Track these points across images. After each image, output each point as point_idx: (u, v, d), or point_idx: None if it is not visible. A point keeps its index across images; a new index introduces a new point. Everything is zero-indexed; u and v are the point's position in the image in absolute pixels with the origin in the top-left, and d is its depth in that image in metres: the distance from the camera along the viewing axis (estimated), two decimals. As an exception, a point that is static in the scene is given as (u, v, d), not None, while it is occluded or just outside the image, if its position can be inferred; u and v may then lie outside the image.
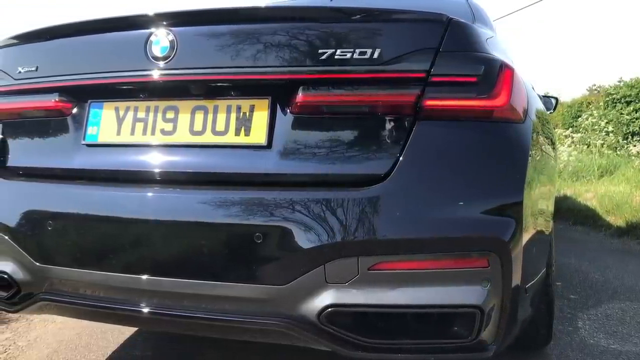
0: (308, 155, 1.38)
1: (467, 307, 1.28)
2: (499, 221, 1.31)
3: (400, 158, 1.31)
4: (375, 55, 1.33)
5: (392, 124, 1.34)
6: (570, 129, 12.09)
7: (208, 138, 1.45)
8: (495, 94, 1.35)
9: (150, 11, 1.48)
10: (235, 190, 1.39)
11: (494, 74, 1.36)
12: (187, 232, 1.39)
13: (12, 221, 1.57)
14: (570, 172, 8.22)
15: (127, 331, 2.43)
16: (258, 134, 1.42)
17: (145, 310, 1.45)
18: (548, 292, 1.91)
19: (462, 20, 1.42)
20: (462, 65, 1.34)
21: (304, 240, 1.29)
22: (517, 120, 1.42)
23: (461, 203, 1.29)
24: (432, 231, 1.27)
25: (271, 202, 1.33)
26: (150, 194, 1.45)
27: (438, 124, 1.34)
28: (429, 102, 1.32)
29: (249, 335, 1.52)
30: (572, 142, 10.73)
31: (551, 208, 1.88)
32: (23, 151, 1.72)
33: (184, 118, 1.48)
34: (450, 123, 1.34)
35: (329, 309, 1.29)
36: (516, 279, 1.33)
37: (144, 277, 1.41)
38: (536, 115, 1.68)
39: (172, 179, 1.47)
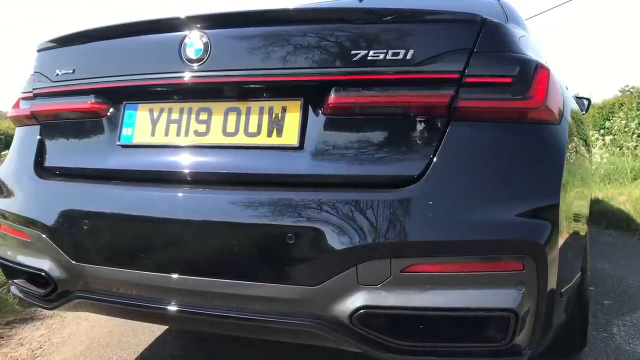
0: (340, 156, 1.38)
1: (501, 311, 1.26)
2: (534, 224, 1.29)
3: (434, 159, 1.30)
4: (409, 56, 1.32)
5: (426, 125, 1.33)
6: (602, 130, 11.83)
7: (240, 139, 1.47)
8: (531, 95, 1.33)
9: (185, 14, 1.50)
10: (268, 191, 1.40)
11: (529, 75, 1.34)
12: (220, 232, 1.40)
13: (49, 220, 1.61)
14: (602, 175, 8.04)
15: (158, 330, 2.46)
16: (290, 135, 1.42)
17: (178, 308, 1.46)
18: (583, 297, 1.87)
19: (497, 21, 1.40)
20: (496, 66, 1.33)
21: (336, 241, 1.29)
22: (553, 122, 1.39)
23: (496, 205, 1.27)
24: (466, 234, 1.26)
25: (303, 203, 1.34)
26: (184, 195, 1.47)
27: (472, 125, 1.32)
28: (463, 103, 1.31)
29: (279, 336, 1.53)
30: (604, 144, 10.50)
31: (586, 211, 1.84)
32: (60, 152, 1.76)
33: (217, 119, 1.50)
34: (485, 124, 1.32)
35: (361, 311, 1.28)
36: (552, 283, 1.31)
37: (178, 276, 1.43)
38: (571, 116, 1.65)
39: (205, 180, 1.49)
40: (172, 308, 1.47)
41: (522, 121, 1.34)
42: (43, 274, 1.64)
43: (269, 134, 1.45)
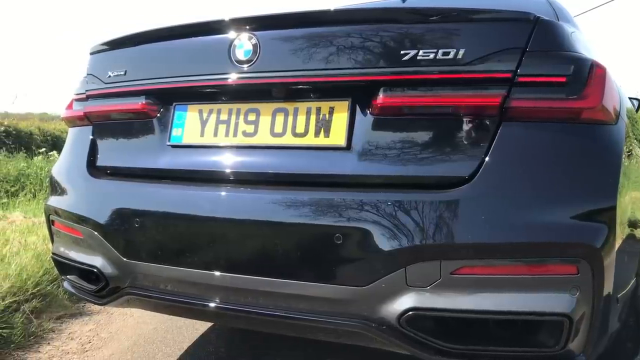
0: (389, 156, 1.37)
1: (555, 315, 1.23)
2: (590, 227, 1.25)
3: (486, 160, 1.28)
4: (460, 56, 1.30)
5: (477, 125, 1.31)
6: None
7: (288, 139, 1.48)
8: (586, 94, 1.29)
9: (234, 15, 1.52)
10: (316, 191, 1.40)
11: (584, 74, 1.30)
12: (269, 232, 1.41)
13: (101, 218, 1.65)
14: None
15: (202, 327, 2.50)
16: (337, 136, 1.42)
17: (225, 306, 1.48)
18: (637, 304, 1.80)
19: (550, 19, 1.37)
20: (550, 65, 1.30)
21: (384, 242, 1.28)
22: (609, 122, 1.35)
23: (550, 207, 1.24)
24: (519, 236, 1.23)
25: (351, 204, 1.33)
26: (232, 194, 1.48)
27: (525, 126, 1.30)
28: (516, 103, 1.28)
29: (325, 335, 1.53)
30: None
31: (642, 215, 1.78)
32: (112, 151, 1.81)
33: (264, 120, 1.51)
34: (538, 125, 1.29)
35: (410, 313, 1.27)
36: (607, 288, 1.27)
37: (226, 274, 1.45)
38: (627, 116, 1.60)
39: (253, 180, 1.50)
40: (220, 306, 1.49)
41: (577, 121, 1.30)
42: (95, 270, 1.68)
43: (317, 135, 1.45)
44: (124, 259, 1.61)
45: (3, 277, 2.71)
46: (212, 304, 1.50)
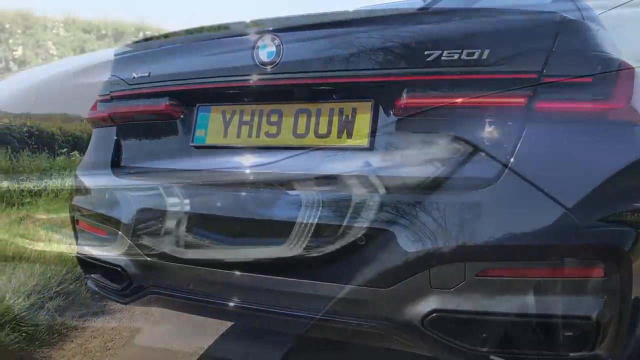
0: (412, 157, 1.36)
1: (581, 319, 1.21)
2: (618, 230, 1.23)
3: (511, 160, 1.26)
4: (484, 56, 1.29)
5: (502, 126, 1.30)
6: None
7: (311, 140, 1.48)
8: (614, 94, 1.27)
9: (257, 17, 1.53)
10: (338, 192, 1.40)
11: (611, 74, 1.29)
12: (290, 232, 1.41)
13: (125, 218, 1.67)
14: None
15: (222, 327, 2.51)
16: (360, 137, 1.42)
17: (248, 306, 1.50)
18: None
19: (576, 19, 1.36)
20: (577, 66, 1.28)
21: (408, 243, 1.27)
22: (638, 123, 1.33)
23: (577, 209, 1.22)
24: (544, 238, 1.22)
25: (374, 205, 1.33)
26: (255, 194, 1.50)
27: (551, 127, 1.28)
28: (542, 104, 1.27)
29: (346, 335, 1.53)
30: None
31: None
32: (136, 152, 1.84)
33: (287, 121, 1.52)
34: (565, 126, 1.28)
35: (434, 314, 1.27)
36: (636, 291, 1.25)
37: (249, 274, 1.46)
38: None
39: (276, 180, 1.51)
40: (243, 305, 1.50)
41: (605, 122, 1.28)
42: (119, 269, 1.70)
43: (339, 135, 1.45)
44: (148, 259, 1.63)
45: (28, 275, 2.76)
46: (235, 304, 1.51)
